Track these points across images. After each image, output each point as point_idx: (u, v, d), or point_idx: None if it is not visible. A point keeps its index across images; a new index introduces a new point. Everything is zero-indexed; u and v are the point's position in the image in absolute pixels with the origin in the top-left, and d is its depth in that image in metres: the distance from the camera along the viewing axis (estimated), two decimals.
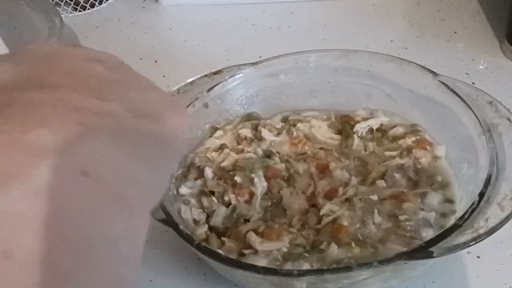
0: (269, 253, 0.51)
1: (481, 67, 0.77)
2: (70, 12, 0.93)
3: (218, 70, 0.64)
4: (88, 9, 0.94)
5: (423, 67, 0.61)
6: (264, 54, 0.66)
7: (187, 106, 0.61)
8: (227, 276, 0.53)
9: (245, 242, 0.53)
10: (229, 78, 0.64)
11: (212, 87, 0.63)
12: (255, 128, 0.63)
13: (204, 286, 0.56)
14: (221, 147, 0.61)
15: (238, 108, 0.66)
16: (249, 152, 0.60)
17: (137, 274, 0.23)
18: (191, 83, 0.63)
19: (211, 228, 0.55)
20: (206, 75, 0.64)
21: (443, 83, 0.59)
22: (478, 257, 0.56)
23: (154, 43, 0.87)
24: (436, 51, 0.80)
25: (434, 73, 0.60)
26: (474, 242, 0.46)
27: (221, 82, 0.63)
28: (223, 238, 0.54)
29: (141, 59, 0.84)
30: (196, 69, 0.79)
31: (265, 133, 0.62)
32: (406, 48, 0.81)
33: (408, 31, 0.85)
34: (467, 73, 0.76)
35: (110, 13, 0.94)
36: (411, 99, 0.62)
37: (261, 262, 0.50)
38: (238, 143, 0.63)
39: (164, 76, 0.80)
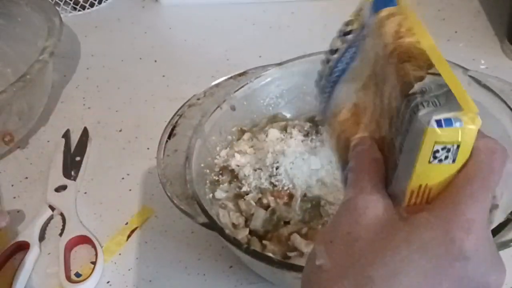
0: None
1: (481, 66, 0.77)
2: (70, 12, 0.93)
3: (243, 72, 0.63)
4: (88, 8, 0.94)
5: (454, 63, 0.56)
6: (264, 54, 0.66)
7: (215, 110, 0.60)
8: (273, 280, 0.52)
9: (287, 244, 0.52)
10: (255, 79, 0.63)
11: (238, 89, 0.62)
12: (284, 129, 0.62)
13: (204, 286, 0.56)
14: None
15: (264, 110, 0.65)
16: None
17: None
18: (217, 85, 0.62)
19: (250, 232, 0.54)
20: (231, 77, 0.63)
21: (474, 78, 0.57)
22: None
23: (154, 43, 0.87)
24: None
25: (465, 69, 0.58)
26: None
27: (247, 83, 0.62)
28: (264, 242, 0.53)
29: (141, 59, 0.84)
30: (196, 69, 0.79)
31: (295, 133, 0.61)
32: None
33: None
34: None
35: (109, 13, 0.94)
36: None
37: None
38: None
39: (163, 76, 0.80)
